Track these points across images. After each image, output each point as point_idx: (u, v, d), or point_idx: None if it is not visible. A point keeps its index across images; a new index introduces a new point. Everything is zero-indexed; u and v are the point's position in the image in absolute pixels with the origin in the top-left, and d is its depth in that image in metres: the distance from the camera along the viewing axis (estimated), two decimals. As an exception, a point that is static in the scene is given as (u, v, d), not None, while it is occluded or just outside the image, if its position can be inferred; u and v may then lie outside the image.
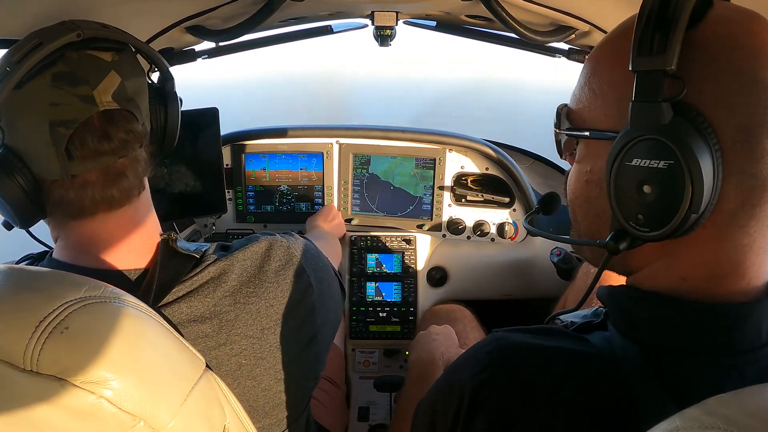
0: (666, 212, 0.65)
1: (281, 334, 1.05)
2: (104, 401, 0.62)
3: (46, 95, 0.87)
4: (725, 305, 0.69)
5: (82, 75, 0.90)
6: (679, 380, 0.68)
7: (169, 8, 1.37)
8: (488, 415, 0.76)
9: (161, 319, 0.76)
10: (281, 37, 2.05)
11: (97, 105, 0.90)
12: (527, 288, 2.41)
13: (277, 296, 1.05)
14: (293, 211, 2.41)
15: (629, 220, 0.69)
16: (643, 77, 0.66)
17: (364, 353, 2.37)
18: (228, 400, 0.84)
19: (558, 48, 1.85)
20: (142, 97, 1.00)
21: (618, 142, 0.68)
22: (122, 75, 0.94)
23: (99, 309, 0.66)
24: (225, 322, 0.98)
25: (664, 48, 0.63)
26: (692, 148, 0.62)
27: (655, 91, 0.64)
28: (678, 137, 0.63)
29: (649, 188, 0.66)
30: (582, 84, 0.80)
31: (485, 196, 2.36)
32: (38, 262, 1.01)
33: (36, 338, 0.60)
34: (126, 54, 0.98)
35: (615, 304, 0.79)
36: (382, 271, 2.33)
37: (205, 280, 0.99)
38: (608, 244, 0.72)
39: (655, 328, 0.72)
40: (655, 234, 0.67)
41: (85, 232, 0.96)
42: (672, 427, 0.45)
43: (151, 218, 1.04)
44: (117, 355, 0.65)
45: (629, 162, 0.67)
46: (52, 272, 0.71)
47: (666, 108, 0.64)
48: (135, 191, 0.98)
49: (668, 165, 0.64)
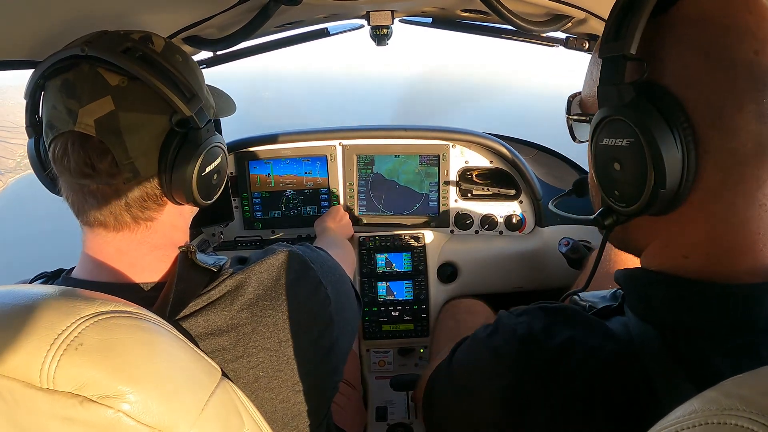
0: (635, 188, 0.69)
1: (299, 345, 1.04)
2: (122, 415, 0.62)
3: (53, 96, 0.92)
4: (735, 286, 0.69)
5: (79, 90, 0.89)
6: (696, 361, 0.68)
7: (165, 21, 1.37)
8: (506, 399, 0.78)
9: (174, 330, 0.77)
10: (278, 42, 2.05)
11: (75, 124, 0.89)
12: (538, 279, 2.40)
13: (294, 308, 1.04)
14: (300, 215, 2.42)
15: (609, 196, 0.75)
16: (606, 62, 0.70)
17: (378, 353, 2.37)
18: (246, 408, 0.84)
19: (555, 37, 1.84)
20: (142, 133, 0.93)
21: (592, 123, 0.74)
22: (119, 104, 0.90)
23: (112, 323, 0.67)
24: (242, 335, 0.98)
25: (625, 33, 0.66)
26: (648, 125, 0.65)
27: (615, 74, 0.69)
28: (636, 116, 0.66)
29: (618, 165, 0.71)
30: (587, 73, 0.84)
31: (491, 190, 2.36)
32: (52, 280, 1.02)
33: (51, 356, 0.60)
34: (142, 84, 0.91)
35: (630, 286, 0.80)
36: (392, 270, 2.33)
37: (222, 294, 0.98)
38: (596, 219, 0.78)
39: (669, 309, 0.73)
40: (631, 209, 0.71)
41: (95, 243, 0.97)
42: (691, 410, 0.45)
43: (171, 241, 1.02)
44: (133, 368, 0.65)
45: (601, 141, 0.73)
46: (64, 289, 0.71)
47: (626, 89, 0.68)
48: (129, 221, 0.96)
49: (630, 143, 0.68)
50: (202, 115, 0.97)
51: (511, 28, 1.71)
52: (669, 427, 0.46)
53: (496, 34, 2.02)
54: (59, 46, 0.92)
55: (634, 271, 0.81)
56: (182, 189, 0.97)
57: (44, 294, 0.68)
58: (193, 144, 0.97)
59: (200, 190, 1.01)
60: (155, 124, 0.94)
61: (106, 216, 0.94)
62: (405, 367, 2.39)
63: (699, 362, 0.68)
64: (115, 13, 1.16)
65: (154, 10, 1.26)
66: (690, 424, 0.44)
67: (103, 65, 0.90)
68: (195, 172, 0.98)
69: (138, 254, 0.98)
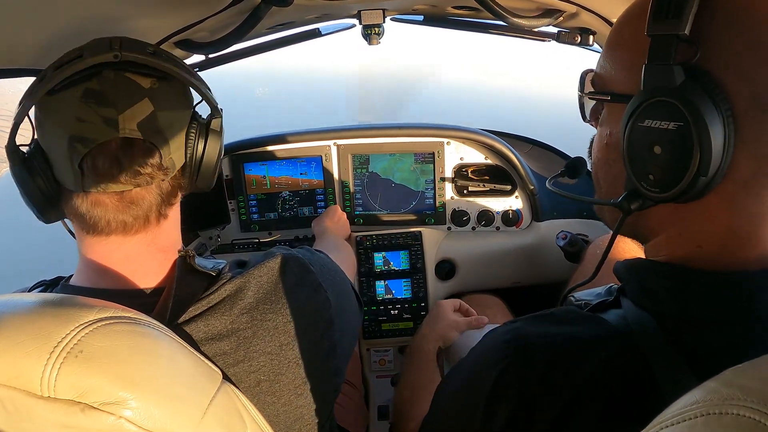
0: (675, 173, 0.66)
1: (300, 349, 1.04)
2: (124, 421, 0.62)
3: (74, 108, 0.88)
4: (742, 273, 0.69)
5: (111, 96, 0.89)
6: (699, 351, 0.68)
7: (157, 25, 1.37)
8: (510, 403, 0.76)
9: (174, 335, 0.77)
10: (270, 44, 2.05)
11: (118, 131, 0.88)
12: (536, 274, 2.41)
13: (294, 311, 1.04)
14: (296, 216, 2.41)
15: (641, 180, 0.71)
16: (656, 41, 0.67)
17: (378, 352, 2.37)
18: (248, 410, 0.84)
19: (547, 32, 1.85)
20: (176, 129, 0.97)
21: (632, 103, 0.70)
22: (157, 104, 0.92)
23: (112, 330, 0.67)
24: (243, 339, 0.98)
25: (678, 12, 0.64)
26: (701, 110, 0.63)
27: (667, 55, 0.66)
28: (688, 99, 0.64)
29: (660, 149, 0.68)
30: (606, 49, 0.82)
31: (487, 186, 2.36)
32: (51, 288, 1.02)
33: (51, 364, 0.60)
34: (170, 83, 0.96)
35: (632, 276, 0.80)
36: (390, 269, 2.33)
37: (221, 298, 0.98)
38: (621, 203, 0.75)
39: (673, 299, 0.73)
40: (664, 195, 0.69)
41: (101, 251, 0.96)
42: (692, 400, 0.45)
43: (173, 242, 1.03)
44: (133, 374, 0.65)
45: (641, 123, 0.69)
46: (62, 297, 0.71)
47: (677, 71, 0.65)
48: (153, 220, 0.97)
49: (677, 126, 0.65)
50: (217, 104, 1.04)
51: (503, 24, 1.71)
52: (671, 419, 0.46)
53: (488, 31, 2.02)
54: (47, 54, 0.92)
55: (637, 261, 0.80)
56: (207, 175, 1.04)
57: (43, 302, 0.68)
58: (218, 132, 1.04)
59: (217, 174, 1.07)
60: (183, 118, 1.00)
61: (136, 218, 0.94)
62: (406, 366, 2.38)
63: (702, 352, 0.68)
64: (105, 19, 1.15)
65: (147, 15, 1.25)
66: (692, 414, 0.44)
67: (131, 69, 0.91)
68: (220, 158, 1.05)
69: (144, 258, 0.98)
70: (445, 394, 0.99)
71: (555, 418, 0.72)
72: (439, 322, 1.72)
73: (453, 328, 1.70)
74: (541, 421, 0.73)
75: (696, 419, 0.43)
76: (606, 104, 0.82)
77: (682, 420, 0.45)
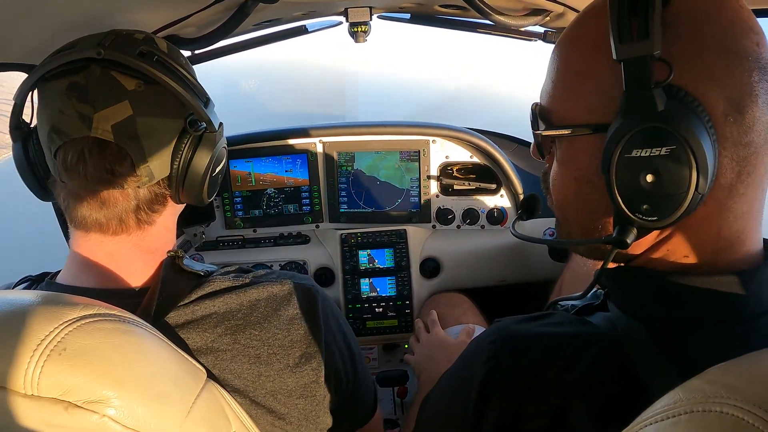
0: (673, 197, 0.65)
1: (281, 384, 0.99)
2: (108, 420, 0.62)
3: (58, 99, 0.88)
4: (728, 274, 0.69)
5: (92, 94, 0.87)
6: (685, 352, 0.68)
7: (144, 20, 1.36)
8: (498, 405, 0.76)
9: (159, 333, 0.76)
10: (257, 40, 2.04)
11: (90, 129, 0.86)
12: (521, 272, 2.42)
13: (284, 345, 1.00)
14: (281, 213, 2.41)
15: (634, 212, 0.68)
16: (630, 65, 0.65)
17: (363, 350, 2.36)
18: (232, 409, 0.84)
19: (534, 32, 1.85)
20: (159, 138, 0.92)
21: (615, 135, 0.67)
22: (136, 109, 0.89)
23: (95, 327, 0.66)
24: (220, 360, 0.94)
25: (645, 32, 0.63)
26: (692, 129, 0.62)
27: (645, 78, 0.64)
28: (676, 122, 0.62)
29: (653, 177, 0.65)
30: (554, 78, 0.79)
31: (472, 185, 2.37)
32: (36, 284, 1.00)
33: (35, 362, 0.60)
34: (158, 88, 0.91)
35: (615, 283, 0.79)
36: (374, 267, 2.33)
37: (208, 312, 0.95)
38: (615, 239, 0.71)
39: (658, 303, 0.73)
40: (664, 221, 0.67)
41: (85, 246, 0.95)
42: (676, 399, 0.46)
43: (163, 245, 1.01)
44: (117, 372, 0.64)
45: (629, 154, 0.66)
46: (46, 294, 0.70)
47: (659, 94, 0.63)
48: (132, 224, 0.94)
49: (670, 150, 0.63)
50: (215, 117, 0.98)
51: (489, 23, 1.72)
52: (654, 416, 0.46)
53: (474, 29, 2.02)
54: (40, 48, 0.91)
55: (621, 269, 0.79)
56: (194, 189, 0.99)
57: (26, 300, 0.67)
58: (209, 145, 0.98)
59: (209, 189, 1.02)
60: (170, 127, 0.94)
61: (110, 220, 0.92)
62: (390, 363, 2.39)
63: (689, 354, 0.68)
64: (92, 14, 1.15)
65: (133, 10, 1.24)
66: (675, 412, 0.45)
67: (117, 68, 0.88)
68: (209, 173, 0.99)
69: (128, 258, 0.96)
70: (431, 403, 0.97)
71: (545, 420, 0.71)
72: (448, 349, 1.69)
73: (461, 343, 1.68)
74: (530, 422, 0.72)
75: (680, 416, 0.44)
76: (564, 138, 0.78)
77: (666, 417, 0.45)
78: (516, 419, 0.73)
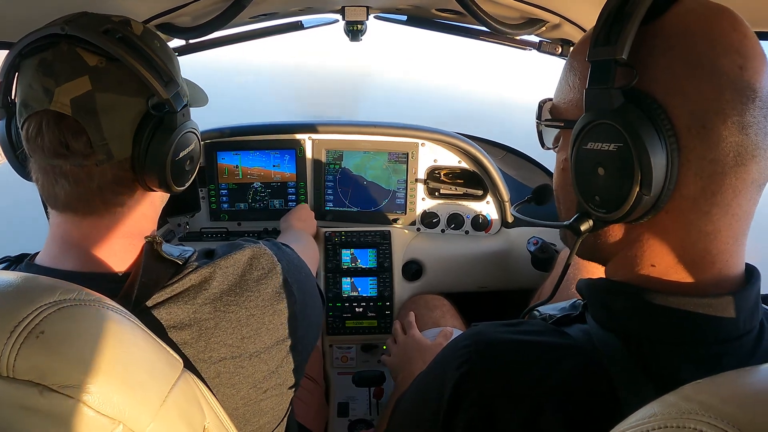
0: (619, 193, 0.69)
1: (262, 343, 1.04)
2: (83, 405, 0.61)
3: (30, 74, 0.90)
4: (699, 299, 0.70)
5: (57, 68, 0.88)
6: (660, 369, 0.69)
7: (139, 6, 1.36)
8: (469, 409, 0.76)
9: (137, 321, 0.76)
10: (252, 33, 2.04)
11: (51, 102, 0.88)
12: (503, 280, 2.42)
13: (258, 305, 1.04)
14: (267, 208, 2.40)
15: (588, 201, 0.74)
16: (596, 66, 0.70)
17: (341, 349, 2.37)
18: (207, 400, 0.83)
19: (529, 41, 1.86)
20: (118, 115, 0.92)
21: (576, 126, 0.74)
22: (96, 84, 0.89)
23: (74, 312, 0.66)
24: (204, 329, 0.97)
25: (616, 39, 0.67)
26: (639, 131, 0.66)
27: (605, 78, 0.69)
28: (626, 121, 0.67)
29: (603, 170, 0.71)
30: (561, 79, 0.85)
31: (459, 189, 2.37)
32: (15, 265, 1.00)
33: (11, 344, 0.59)
34: (119, 65, 0.91)
35: (593, 296, 0.81)
36: (357, 267, 2.33)
37: (186, 287, 0.97)
38: (571, 225, 0.77)
39: (632, 320, 0.74)
40: (611, 215, 0.71)
41: (61, 226, 0.96)
42: (650, 413, 0.46)
43: (140, 230, 1.01)
44: (94, 358, 0.64)
45: (585, 146, 0.73)
46: (25, 276, 0.70)
47: (616, 94, 0.68)
48: (99, 205, 0.95)
49: (618, 147, 0.68)
50: (178, 100, 0.97)
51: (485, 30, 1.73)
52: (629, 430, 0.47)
53: (470, 35, 2.03)
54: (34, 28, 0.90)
55: (597, 281, 0.81)
56: (155, 173, 0.97)
57: (4, 281, 0.67)
58: (168, 128, 0.97)
59: (173, 175, 1.01)
60: (131, 107, 0.94)
61: (76, 199, 0.93)
62: (368, 363, 2.39)
63: (663, 370, 0.69)
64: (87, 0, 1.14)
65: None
66: (649, 427, 0.45)
67: (82, 45, 0.89)
68: (169, 157, 0.98)
69: (105, 241, 0.96)
70: (404, 404, 0.98)
71: (516, 426, 0.72)
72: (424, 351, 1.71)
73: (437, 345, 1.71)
74: (501, 428, 0.73)
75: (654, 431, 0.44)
76: (562, 131, 0.86)
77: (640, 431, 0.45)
78: (487, 424, 0.74)
